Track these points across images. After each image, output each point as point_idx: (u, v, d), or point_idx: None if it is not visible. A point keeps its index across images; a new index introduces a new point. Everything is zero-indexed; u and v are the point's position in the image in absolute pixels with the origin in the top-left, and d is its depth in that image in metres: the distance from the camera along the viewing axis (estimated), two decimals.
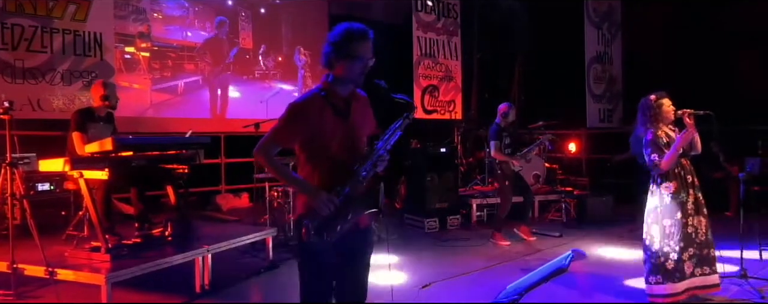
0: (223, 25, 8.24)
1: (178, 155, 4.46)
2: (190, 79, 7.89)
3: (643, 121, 3.89)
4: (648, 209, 3.87)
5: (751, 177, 5.50)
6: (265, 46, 8.68)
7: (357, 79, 2.35)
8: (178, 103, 7.80)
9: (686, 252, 3.71)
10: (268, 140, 2.34)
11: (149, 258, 3.87)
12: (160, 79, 7.58)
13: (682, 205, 3.75)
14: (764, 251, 5.15)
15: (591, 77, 10.28)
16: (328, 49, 2.34)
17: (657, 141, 3.78)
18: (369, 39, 2.33)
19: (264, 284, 4.56)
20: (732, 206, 7.53)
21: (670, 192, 3.76)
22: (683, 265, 3.70)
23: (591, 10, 10.27)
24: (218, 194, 8.25)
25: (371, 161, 2.32)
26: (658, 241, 3.77)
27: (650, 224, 3.83)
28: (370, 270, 2.52)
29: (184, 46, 7.88)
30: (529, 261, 5.19)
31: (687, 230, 3.73)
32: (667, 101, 3.85)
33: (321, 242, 2.24)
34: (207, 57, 8.07)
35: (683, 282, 3.71)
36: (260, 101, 8.45)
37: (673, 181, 3.77)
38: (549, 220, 7.44)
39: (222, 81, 8.25)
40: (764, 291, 4.12)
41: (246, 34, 8.51)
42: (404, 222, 7.08)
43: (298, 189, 2.34)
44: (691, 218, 3.75)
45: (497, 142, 5.94)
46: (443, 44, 9.21)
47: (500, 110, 6.08)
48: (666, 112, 3.82)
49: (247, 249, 5.32)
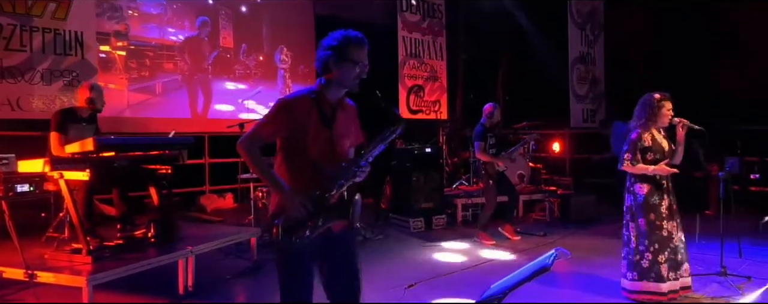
0: (205, 26, 8.13)
1: (161, 156, 4.42)
2: (169, 78, 7.74)
3: (638, 116, 3.92)
4: (626, 206, 3.96)
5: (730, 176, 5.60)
6: (246, 46, 8.59)
7: (352, 84, 2.36)
8: (156, 104, 7.64)
9: (661, 254, 3.79)
10: (253, 134, 2.34)
11: (131, 260, 3.81)
12: (138, 78, 7.41)
13: (656, 207, 3.82)
14: (743, 248, 5.24)
15: (574, 78, 10.39)
16: (325, 54, 2.34)
17: (638, 143, 3.84)
18: (366, 46, 2.35)
19: (248, 285, 4.53)
20: (712, 205, 7.65)
21: (643, 193, 3.84)
22: (659, 267, 3.78)
23: (574, 11, 10.38)
24: (202, 194, 8.18)
25: (351, 172, 2.32)
26: (634, 239, 3.86)
27: (628, 221, 3.92)
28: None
29: (163, 44, 7.71)
30: (513, 260, 5.23)
31: (662, 232, 3.81)
32: (668, 104, 3.89)
33: (291, 243, 2.24)
34: (186, 56, 7.93)
35: (665, 284, 3.78)
36: (240, 101, 8.33)
37: (647, 183, 3.85)
38: (533, 219, 7.49)
39: (202, 81, 8.13)
40: (744, 288, 4.19)
41: (227, 33, 8.40)
42: (390, 222, 7.08)
43: (274, 188, 2.33)
44: (666, 221, 3.83)
45: (482, 143, 5.98)
46: (428, 44, 9.24)
47: (485, 111, 6.12)
48: (664, 115, 3.86)
49: (231, 250, 5.28)
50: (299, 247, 2.28)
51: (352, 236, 2.53)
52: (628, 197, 3.93)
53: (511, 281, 2.04)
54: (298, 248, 2.29)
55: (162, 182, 4.48)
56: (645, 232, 3.81)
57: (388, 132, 2.38)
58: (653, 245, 3.79)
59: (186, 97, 7.99)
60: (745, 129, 7.68)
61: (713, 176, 7.54)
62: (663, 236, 3.80)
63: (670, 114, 3.88)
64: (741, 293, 4.06)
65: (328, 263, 2.44)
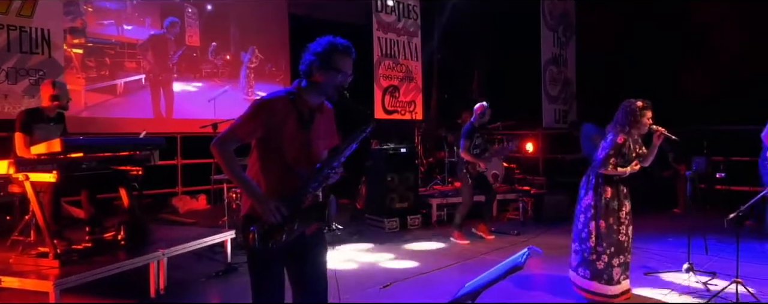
0: (173, 27, 7.92)
1: (132, 157, 4.34)
2: (131, 78, 7.47)
3: (621, 122, 3.97)
4: (586, 204, 4.01)
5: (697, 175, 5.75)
6: (215, 45, 8.43)
7: (332, 92, 2.35)
8: (118, 104, 7.34)
9: (616, 258, 3.89)
10: (228, 134, 2.31)
11: (101, 263, 3.74)
12: (97, 78, 7.12)
13: (615, 212, 3.93)
14: (710, 245, 5.39)
15: (547, 79, 10.53)
16: (310, 58, 2.33)
17: (621, 147, 3.90)
18: (352, 55, 2.36)
19: (222, 288, 4.48)
20: (680, 203, 7.84)
21: (607, 196, 3.93)
22: (612, 270, 3.89)
23: (547, 13, 10.52)
24: (174, 196, 8.06)
25: (323, 174, 2.31)
26: (593, 238, 3.94)
27: (588, 220, 3.97)
28: (330, 270, 2.51)
29: (124, 42, 7.42)
30: (487, 259, 5.28)
31: (619, 237, 3.91)
32: (649, 113, 3.96)
33: (267, 248, 2.23)
34: (149, 55, 7.68)
35: (615, 287, 3.90)
36: (208, 100, 8.18)
37: (610, 187, 3.94)
38: (507, 219, 7.58)
39: (166, 80, 7.91)
40: (710, 283, 4.31)
41: (193, 31, 8.21)
42: (365, 222, 7.08)
43: (247, 192, 2.30)
44: (624, 226, 3.93)
45: (467, 142, 6.00)
46: (404, 45, 9.26)
47: (477, 110, 6.13)
48: (644, 123, 3.94)
49: (204, 252, 5.21)
50: (272, 250, 2.26)
51: (322, 237, 2.53)
52: (593, 195, 3.98)
53: (484, 280, 2.05)
54: (271, 252, 2.27)
55: (132, 184, 4.40)
56: (604, 234, 3.91)
57: (358, 132, 2.37)
58: (610, 249, 3.89)
59: (149, 98, 7.73)
60: (711, 129, 7.89)
61: (681, 175, 7.73)
62: (620, 241, 3.91)
63: (650, 122, 3.97)
64: (707, 289, 4.17)
65: (296, 264, 2.43)
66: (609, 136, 4.01)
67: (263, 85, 8.90)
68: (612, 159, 3.89)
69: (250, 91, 8.82)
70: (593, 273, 3.93)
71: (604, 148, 3.94)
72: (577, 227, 4.07)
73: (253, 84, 8.85)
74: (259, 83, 8.92)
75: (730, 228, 4.75)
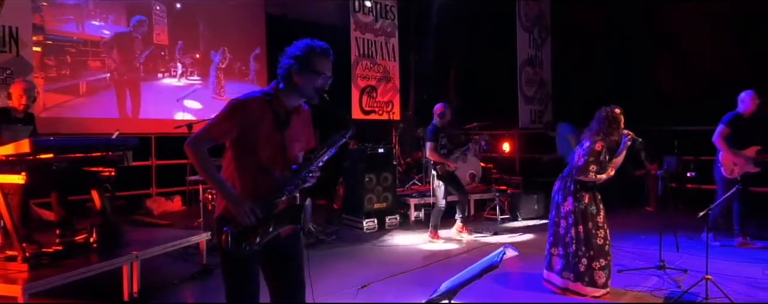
0: (141, 26, 7.72)
1: (104, 157, 4.24)
2: (95, 77, 7.21)
3: (598, 130, 4.05)
4: (566, 210, 4.10)
5: (668, 174, 5.88)
6: (182, 43, 8.27)
7: (311, 94, 2.33)
8: (81, 105, 7.07)
9: (597, 262, 3.99)
10: (202, 134, 2.28)
11: (72, 266, 3.65)
12: (57, 78, 6.84)
13: (593, 216, 4.03)
14: (681, 242, 5.51)
15: (523, 80, 10.65)
16: (288, 62, 2.31)
17: (600, 154, 4.00)
18: (330, 57, 2.34)
19: (197, 290, 4.42)
20: (652, 202, 8.00)
21: (585, 202, 4.03)
22: (594, 273, 3.99)
23: (522, 14, 10.64)
24: (149, 197, 7.93)
25: (300, 177, 2.30)
26: (574, 243, 4.03)
27: (570, 225, 4.06)
28: (307, 272, 2.50)
29: (87, 40, 7.15)
30: (465, 259, 5.32)
31: (597, 241, 4.01)
32: (622, 119, 4.07)
33: (241, 250, 2.21)
34: (114, 53, 7.44)
35: (598, 290, 4.00)
36: (177, 100, 8.02)
37: (587, 193, 4.05)
38: (484, 218, 7.64)
39: (132, 80, 7.71)
40: (681, 280, 4.41)
41: (161, 29, 8.02)
42: (343, 223, 7.06)
43: (222, 193, 2.28)
44: (600, 230, 4.03)
45: (433, 143, 6.04)
46: (381, 45, 9.27)
47: (436, 111, 6.18)
48: (618, 130, 4.04)
49: (179, 254, 5.14)
50: (246, 252, 2.24)
51: (299, 238, 2.51)
52: (572, 200, 4.06)
53: (460, 279, 2.07)
54: (245, 253, 2.25)
55: (105, 185, 4.31)
56: (584, 239, 4.01)
57: (338, 136, 2.37)
58: (589, 252, 3.99)
59: (114, 97, 7.49)
60: (682, 129, 8.06)
61: (653, 174, 7.89)
62: (599, 245, 4.01)
63: (623, 128, 4.08)
64: (678, 286, 4.26)
65: (273, 265, 2.41)
66: (585, 143, 4.07)
67: (233, 84, 8.79)
68: (592, 166, 3.96)
69: (221, 90, 8.69)
70: (576, 275, 4.02)
71: (583, 155, 4.00)
72: (559, 233, 4.13)
73: (222, 83, 8.73)
74: (229, 82, 8.79)
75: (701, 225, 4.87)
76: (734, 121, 5.46)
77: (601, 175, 4.02)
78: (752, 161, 5.40)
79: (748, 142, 5.45)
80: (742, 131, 5.45)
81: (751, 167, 5.42)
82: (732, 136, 5.45)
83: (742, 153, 5.42)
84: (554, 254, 4.17)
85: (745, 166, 5.42)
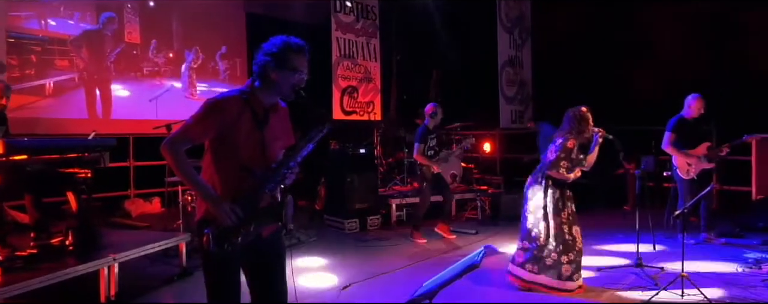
0: (111, 23, 7.52)
1: (80, 159, 4.17)
2: (62, 77, 6.96)
3: (569, 129, 4.15)
4: (535, 204, 4.19)
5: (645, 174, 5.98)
6: (155, 42, 8.13)
7: (288, 92, 2.32)
8: (48, 106, 6.84)
9: (565, 256, 4.08)
10: (179, 135, 2.25)
11: (47, 270, 3.58)
12: (22, 77, 6.58)
13: (562, 211, 4.13)
14: (657, 241, 5.61)
15: (503, 80, 10.73)
16: (264, 59, 2.29)
17: (572, 152, 4.08)
18: (306, 54, 2.33)
19: (176, 292, 4.36)
20: (630, 201, 8.12)
21: (555, 197, 4.12)
22: (561, 267, 4.07)
23: (503, 15, 10.71)
24: (127, 199, 7.81)
25: (279, 174, 2.28)
26: (544, 237, 4.12)
27: (539, 219, 4.15)
28: (289, 272, 2.48)
29: (53, 38, 6.91)
30: (446, 258, 5.33)
31: (566, 236, 4.10)
32: (591, 117, 4.18)
33: (222, 251, 2.18)
34: (83, 52, 7.22)
35: (568, 283, 4.08)
36: (149, 100, 7.84)
37: (558, 189, 4.14)
38: (466, 218, 7.68)
39: (103, 79, 7.51)
40: (658, 278, 4.48)
41: (132, 27, 7.84)
42: (324, 223, 7.04)
43: (201, 194, 2.25)
44: (568, 226, 4.12)
45: (421, 146, 6.03)
46: (362, 46, 9.25)
47: (427, 111, 6.17)
48: (588, 128, 4.15)
49: (159, 256, 5.07)
50: (227, 254, 2.21)
51: (280, 238, 2.49)
52: (541, 195, 4.16)
53: (441, 279, 2.07)
54: (226, 255, 2.22)
55: (81, 187, 4.22)
56: (554, 234, 4.10)
57: (315, 132, 2.36)
58: (559, 247, 4.08)
59: (83, 98, 7.28)
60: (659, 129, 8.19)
61: (631, 174, 8.01)
62: (566, 239, 4.09)
63: (592, 126, 4.18)
64: (655, 283, 4.33)
65: (255, 266, 2.40)
66: (558, 140, 4.16)
67: (206, 83, 8.68)
68: (563, 162, 4.05)
69: (193, 90, 8.55)
70: (541, 268, 4.11)
71: (555, 151, 4.10)
72: (526, 227, 4.23)
73: (195, 83, 8.59)
74: (201, 81, 8.66)
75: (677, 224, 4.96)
76: (679, 125, 5.70)
77: (572, 172, 4.10)
78: (705, 158, 5.57)
79: (695, 143, 5.66)
80: (688, 133, 5.67)
81: (704, 164, 5.61)
82: (679, 139, 5.65)
83: (692, 153, 5.60)
84: (522, 248, 4.26)
85: (698, 165, 5.59)
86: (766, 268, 4.64)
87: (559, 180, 4.12)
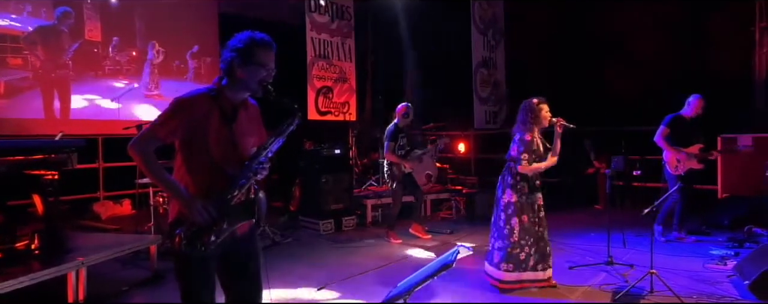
0: (66, 17, 7.22)
1: (46, 160, 4.06)
2: (15, 76, 6.68)
3: (523, 121, 4.24)
4: (506, 202, 4.25)
5: (616, 173, 6.10)
6: (117, 40, 7.90)
7: (256, 87, 2.29)
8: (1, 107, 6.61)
9: (535, 247, 4.18)
10: (146, 134, 2.21)
11: (11, 274, 3.48)
12: None
13: (532, 205, 4.21)
14: (628, 239, 5.72)
15: (478, 81, 10.82)
16: (229, 55, 2.27)
17: (531, 144, 4.16)
18: (272, 49, 2.31)
19: (148, 296, 4.28)
20: (601, 200, 8.27)
21: (525, 192, 4.19)
22: (530, 259, 4.19)
23: (477, 17, 10.81)
24: (96, 201, 7.64)
25: (251, 170, 2.26)
26: (517, 233, 4.17)
27: (510, 216, 4.20)
28: (264, 274, 2.46)
29: (4, 34, 6.65)
30: (421, 258, 5.35)
31: (537, 228, 4.19)
32: (545, 107, 4.25)
33: (196, 251, 2.15)
34: (38, 49, 6.96)
35: (527, 273, 4.19)
36: (112, 100, 7.58)
37: (527, 183, 4.22)
38: (441, 218, 7.71)
39: (61, 78, 7.23)
40: (628, 275, 4.57)
41: (93, 24, 7.57)
42: (299, 224, 6.99)
43: (171, 193, 2.22)
44: (538, 218, 4.22)
45: (392, 144, 6.05)
46: (337, 46, 9.22)
47: (399, 111, 6.19)
48: (543, 117, 4.22)
49: (129, 260, 4.98)
50: (200, 256, 2.18)
51: (255, 238, 2.47)
52: (510, 192, 4.22)
53: (415, 279, 2.08)
54: (199, 257, 2.19)
55: (47, 189, 4.12)
56: (526, 229, 4.17)
57: (285, 125, 2.34)
58: (530, 240, 4.18)
59: (40, 97, 7.01)
60: (629, 129, 8.36)
61: (601, 173, 8.16)
62: (536, 231, 4.20)
63: (549, 115, 4.26)
64: (626, 280, 4.42)
65: (229, 268, 2.37)
66: (516, 136, 4.25)
67: (169, 82, 8.50)
68: (525, 155, 4.13)
69: (154, 87, 8.34)
70: (516, 265, 4.17)
71: (516, 147, 4.19)
72: (498, 225, 4.28)
73: (157, 80, 8.38)
74: (164, 80, 8.47)
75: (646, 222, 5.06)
76: (674, 122, 5.77)
77: (540, 164, 4.17)
78: (696, 158, 5.69)
79: (688, 142, 5.74)
80: (682, 131, 5.74)
81: (694, 163, 5.71)
82: (672, 135, 5.73)
83: (683, 150, 5.71)
84: (495, 246, 4.31)
85: (687, 162, 5.70)
86: (731, 264, 4.76)
87: (528, 175, 4.18)
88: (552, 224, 4.33)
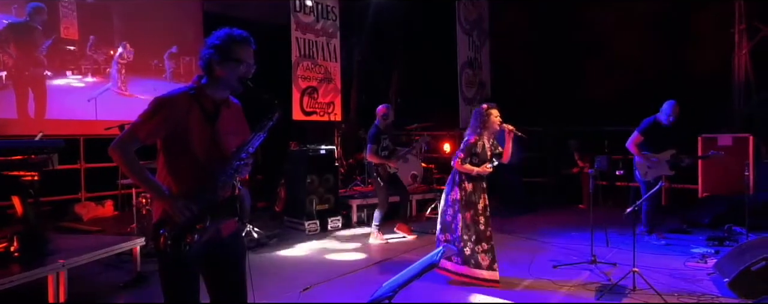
0: (38, 14, 7.03)
1: (26, 161, 3.99)
2: None
3: (473, 126, 4.49)
4: (452, 198, 4.45)
5: (599, 173, 6.16)
6: (94, 38, 7.74)
7: (235, 84, 2.28)
8: None
9: (479, 246, 4.33)
10: (127, 135, 2.18)
11: None
12: None
13: (475, 205, 4.39)
14: (610, 238, 5.79)
15: (463, 81, 10.87)
16: (208, 52, 2.25)
17: (473, 147, 4.41)
18: (251, 45, 2.29)
19: (130, 299, 4.23)
20: (585, 199, 8.35)
21: (469, 190, 4.39)
22: (478, 256, 4.32)
23: (462, 18, 10.86)
24: (78, 202, 7.53)
25: (233, 167, 2.25)
26: (461, 228, 4.36)
27: (456, 212, 4.41)
28: (248, 274, 2.44)
29: None
30: (407, 258, 5.36)
31: (480, 227, 4.35)
32: (495, 112, 4.47)
33: (180, 252, 2.13)
34: (11, 47, 6.79)
35: (485, 272, 4.30)
36: (88, 99, 7.44)
37: (471, 183, 4.41)
38: (426, 218, 7.73)
39: (35, 76, 7.08)
40: (611, 273, 4.62)
41: (69, 22, 7.40)
42: (284, 225, 6.97)
43: (153, 193, 2.20)
44: (482, 217, 4.38)
45: (374, 146, 6.05)
46: (322, 46, 9.20)
47: (379, 112, 6.20)
48: (492, 122, 4.44)
49: (112, 262, 4.92)
50: (184, 256, 2.16)
51: (240, 239, 2.45)
52: (457, 190, 4.43)
53: (400, 279, 2.08)
54: (183, 258, 2.17)
55: (27, 190, 4.05)
56: (469, 225, 4.35)
57: (265, 120, 2.32)
58: (472, 237, 4.33)
59: (13, 96, 6.84)
60: (611, 130, 8.47)
61: (584, 172, 8.24)
62: (480, 230, 4.35)
63: (499, 121, 4.46)
64: (609, 279, 4.47)
65: (213, 269, 2.35)
66: (465, 138, 4.47)
67: (140, 81, 8.31)
68: (461, 154, 4.37)
69: (123, 87, 8.14)
70: (464, 259, 4.34)
71: (460, 149, 4.43)
72: (445, 220, 4.47)
73: (124, 79, 8.16)
74: (135, 79, 8.26)
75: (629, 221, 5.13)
76: (650, 128, 5.69)
77: (473, 167, 4.36)
78: (668, 164, 5.70)
79: (663, 147, 5.73)
80: (657, 137, 5.70)
81: (665, 170, 5.71)
82: (647, 141, 5.71)
83: (654, 156, 5.70)
84: (442, 240, 4.47)
85: (658, 169, 5.71)
86: (712, 262, 4.84)
87: (470, 175, 4.37)
88: (536, 224, 4.39)
